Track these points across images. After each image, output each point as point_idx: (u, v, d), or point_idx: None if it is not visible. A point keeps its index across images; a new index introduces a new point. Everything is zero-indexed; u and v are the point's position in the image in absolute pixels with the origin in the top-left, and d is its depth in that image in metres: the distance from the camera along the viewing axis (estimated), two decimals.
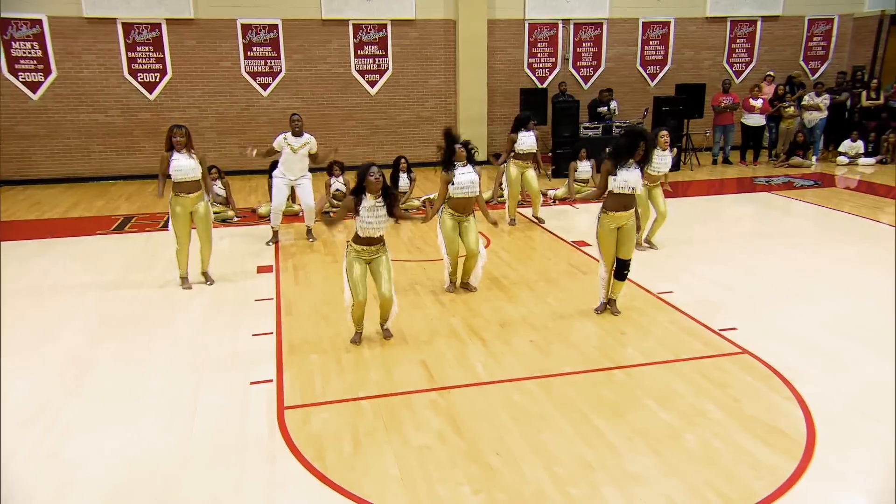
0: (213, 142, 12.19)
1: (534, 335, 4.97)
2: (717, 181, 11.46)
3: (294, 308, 5.64)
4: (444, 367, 4.48)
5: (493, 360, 4.59)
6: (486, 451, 3.49)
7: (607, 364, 4.46)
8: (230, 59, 11.94)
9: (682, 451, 3.45)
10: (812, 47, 14.54)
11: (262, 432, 3.72)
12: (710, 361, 4.46)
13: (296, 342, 4.94)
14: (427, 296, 5.90)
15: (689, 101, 11.98)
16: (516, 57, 13.20)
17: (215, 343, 4.94)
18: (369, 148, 12.92)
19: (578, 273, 6.45)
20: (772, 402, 3.91)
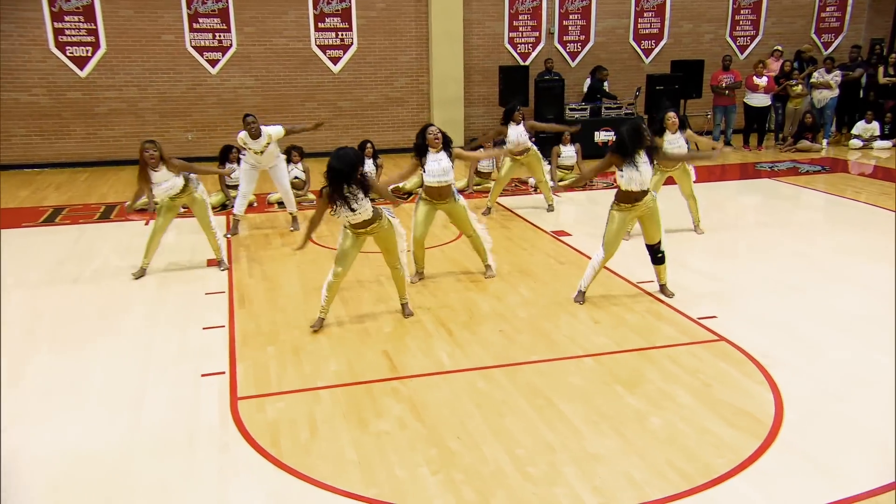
0: (156, 125, 12.55)
1: (503, 325, 5.44)
2: (717, 168, 12.03)
3: (248, 301, 6.06)
4: (407, 357, 4.93)
5: (458, 349, 5.04)
6: (446, 435, 3.94)
7: (578, 352, 4.94)
8: (173, 31, 12.31)
9: (645, 433, 3.92)
10: (825, 18, 15.23)
11: (214, 422, 4.13)
12: (684, 348, 4.95)
13: (250, 334, 5.35)
14: (392, 287, 6.33)
15: (686, 79, 12.57)
16: (496, 31, 13.72)
17: (162, 336, 5.34)
18: (332, 132, 13.33)
19: (555, 264, 6.93)
20: (742, 387, 4.41)
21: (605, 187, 10.29)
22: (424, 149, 6.21)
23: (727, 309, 5.63)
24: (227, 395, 4.45)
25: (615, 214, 5.69)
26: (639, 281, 6.27)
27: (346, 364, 4.85)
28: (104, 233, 8.40)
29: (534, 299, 5.98)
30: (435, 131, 6.21)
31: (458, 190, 6.48)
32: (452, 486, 3.50)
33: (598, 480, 3.52)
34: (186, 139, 12.77)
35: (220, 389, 4.51)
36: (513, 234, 8.09)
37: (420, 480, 3.56)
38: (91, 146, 12.43)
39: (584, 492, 3.43)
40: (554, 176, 10.26)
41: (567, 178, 10.39)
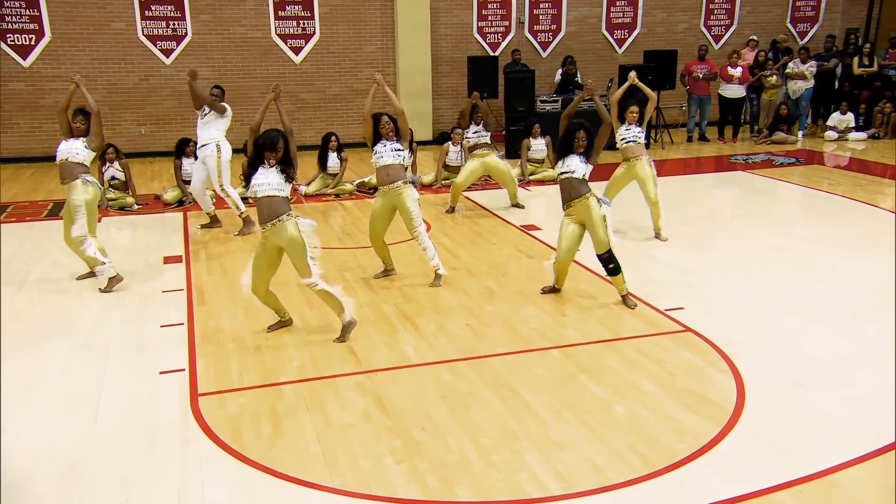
0: (106, 118, 12.31)
1: (471, 319, 5.66)
2: (692, 160, 12.43)
3: (208, 298, 6.20)
4: (372, 352, 5.12)
5: (424, 343, 5.25)
6: (411, 426, 4.14)
7: (544, 344, 5.18)
8: (123, 19, 12.35)
9: (609, 421, 4.17)
10: (800, 7, 15.74)
11: (174, 418, 4.29)
12: (650, 340, 5.22)
13: (210, 332, 5.51)
14: (357, 283, 6.54)
15: (659, 69, 12.90)
16: (464, 20, 13.97)
17: (118, 334, 5.47)
18: (295, 125, 13.18)
19: (523, 258, 7.18)
20: (706, 375, 4.68)
21: None
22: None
23: (695, 300, 5.91)
24: (187, 391, 4.60)
25: (562, 220, 5.95)
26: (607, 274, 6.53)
27: (309, 359, 5.03)
28: (53, 231, 8.42)
29: (501, 293, 6.21)
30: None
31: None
32: (417, 475, 3.70)
33: (561, 466, 3.75)
34: (140, 133, 12.82)
35: (179, 386, 4.67)
36: (481, 228, 8.32)
37: (384, 470, 3.76)
38: (36, 140, 12.41)
39: (547, 477, 3.65)
40: (524, 169, 10.53)
41: (538, 172, 10.66)
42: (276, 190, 5.07)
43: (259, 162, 5.13)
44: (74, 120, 6.45)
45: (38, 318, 5.89)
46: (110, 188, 9.43)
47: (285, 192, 5.12)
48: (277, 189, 5.07)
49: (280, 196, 5.09)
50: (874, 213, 8.64)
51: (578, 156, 5.77)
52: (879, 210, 8.74)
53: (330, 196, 9.93)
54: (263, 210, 5.13)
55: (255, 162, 5.16)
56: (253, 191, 5.12)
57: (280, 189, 5.08)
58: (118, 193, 9.45)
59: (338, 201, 9.77)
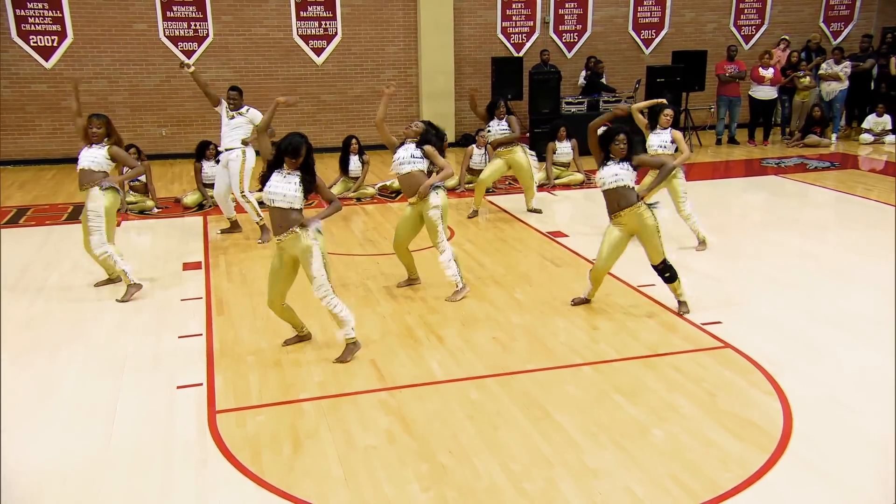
0: (127, 119, 12.49)
1: (497, 332, 5.44)
2: (721, 164, 12.13)
3: (227, 307, 6.04)
4: (395, 367, 4.92)
5: (450, 358, 5.04)
6: (437, 449, 3.94)
7: (576, 360, 4.95)
8: (146, 20, 12.27)
9: (647, 446, 3.93)
10: (834, 6, 15.34)
11: (191, 437, 4.11)
12: (687, 356, 4.97)
13: (228, 343, 5.33)
14: (380, 292, 6.35)
15: (688, 70, 12.62)
16: (488, 20, 13.74)
17: (135, 345, 5.31)
18: (316, 127, 13.33)
19: (551, 266, 6.95)
20: (749, 397, 4.43)
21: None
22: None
23: (732, 313, 5.66)
24: (205, 407, 4.43)
25: (608, 227, 5.69)
26: (639, 285, 6.29)
27: (331, 374, 4.84)
28: (73, 235, 8.32)
29: (529, 304, 5.99)
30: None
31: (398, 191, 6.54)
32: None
33: (599, 497, 3.52)
34: (160, 135, 12.74)
35: (196, 402, 4.49)
36: (506, 234, 8.10)
37: (410, 498, 3.56)
38: (57, 142, 12.35)
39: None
40: (550, 173, 10.29)
41: (563, 176, 10.41)
42: (290, 203, 4.83)
43: (278, 165, 4.91)
44: (91, 125, 6.28)
45: (55, 326, 5.75)
46: (130, 191, 9.32)
47: (299, 205, 4.87)
48: (291, 202, 4.83)
49: (293, 208, 4.87)
50: None
51: (621, 162, 5.50)
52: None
53: (351, 200, 9.75)
54: (276, 220, 4.92)
55: (274, 165, 4.93)
56: (268, 198, 4.89)
57: (293, 202, 4.83)
58: (138, 196, 9.33)
59: (359, 205, 9.59)
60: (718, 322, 5.49)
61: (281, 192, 4.83)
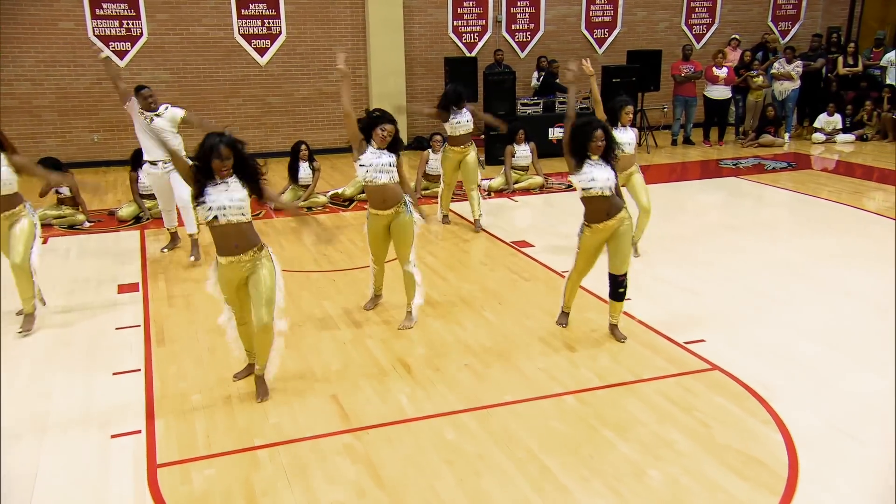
0: (54, 125, 11.72)
1: (469, 358, 5.01)
2: (678, 165, 11.95)
3: (168, 336, 5.47)
4: (360, 403, 4.45)
5: (420, 390, 4.60)
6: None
7: (556, 389, 4.56)
8: (72, 18, 11.48)
9: (645, 491, 3.56)
10: (781, 6, 15.37)
11: (127, 497, 3.59)
12: (674, 381, 4.63)
13: (170, 380, 4.79)
14: (338, 314, 5.86)
15: (643, 70, 12.41)
16: (439, 19, 13.32)
17: (62, 385, 4.72)
18: (261, 131, 12.73)
19: (520, 280, 6.56)
20: (747, 427, 4.09)
21: (564, 189, 10.01)
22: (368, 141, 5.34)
23: (715, 330, 5.34)
24: (144, 460, 3.89)
25: (581, 244, 5.18)
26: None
27: (287, 415, 4.35)
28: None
29: (501, 325, 5.58)
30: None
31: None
32: None
33: None
34: (92, 140, 11.96)
35: (134, 454, 3.95)
36: (469, 246, 7.69)
37: None
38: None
39: None
40: (509, 178, 9.93)
41: (522, 180, 10.06)
42: (241, 212, 4.19)
43: (208, 176, 4.16)
44: None
45: None
46: (59, 204, 8.62)
47: (248, 216, 4.27)
48: (241, 211, 4.19)
49: (246, 221, 4.28)
50: (880, 222, 8.17)
51: (601, 162, 4.90)
52: (884, 218, 8.27)
53: (302, 210, 9.20)
54: (230, 239, 4.29)
55: (204, 176, 4.16)
56: (215, 214, 4.16)
57: (244, 211, 4.22)
58: (67, 210, 8.63)
59: (310, 215, 9.03)
60: (702, 340, 5.17)
61: (226, 202, 4.14)
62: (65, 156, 11.17)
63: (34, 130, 11.57)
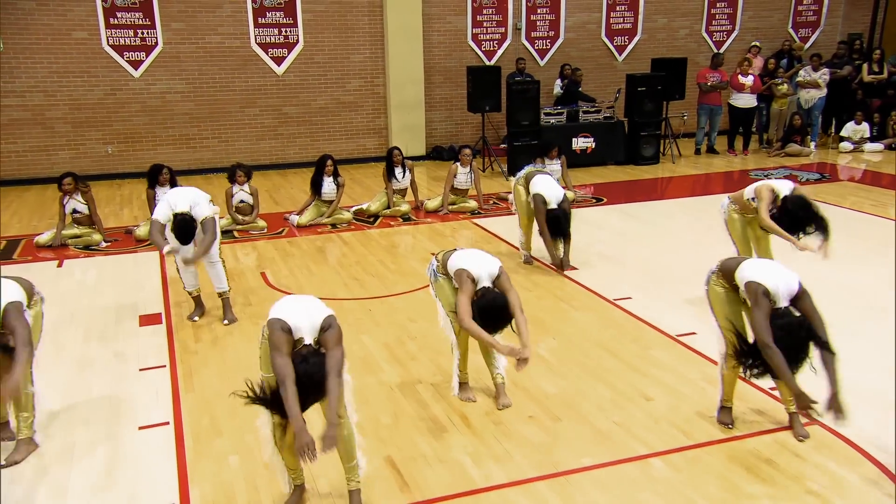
0: (67, 137, 11.08)
1: (532, 408, 4.38)
2: (710, 176, 11.32)
3: (196, 381, 4.84)
4: (420, 466, 3.82)
5: (484, 449, 3.97)
6: None
7: (639, 449, 3.93)
8: (86, 27, 10.83)
9: None
10: (801, 12, 14.75)
11: None
12: (770, 438, 4.00)
13: (203, 436, 4.16)
14: (379, 351, 5.22)
15: (668, 79, 11.77)
16: (458, 27, 12.68)
17: (83, 446, 4.09)
18: (278, 142, 12.09)
19: (569, 309, 5.93)
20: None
21: (594, 203, 9.39)
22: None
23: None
24: None
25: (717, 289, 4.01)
26: (679, 334, 5.31)
27: (339, 478, 3.71)
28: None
29: (559, 365, 4.95)
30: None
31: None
32: None
33: None
34: (106, 153, 11.31)
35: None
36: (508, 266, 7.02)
37: None
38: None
39: None
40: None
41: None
42: None
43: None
44: None
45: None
46: (73, 224, 7.98)
47: None
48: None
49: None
50: None
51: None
52: None
53: (326, 227, 8.58)
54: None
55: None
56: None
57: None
58: (83, 229, 7.99)
59: (335, 233, 8.42)
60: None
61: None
62: (78, 168, 10.56)
63: (47, 143, 10.93)
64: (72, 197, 7.84)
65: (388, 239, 8.18)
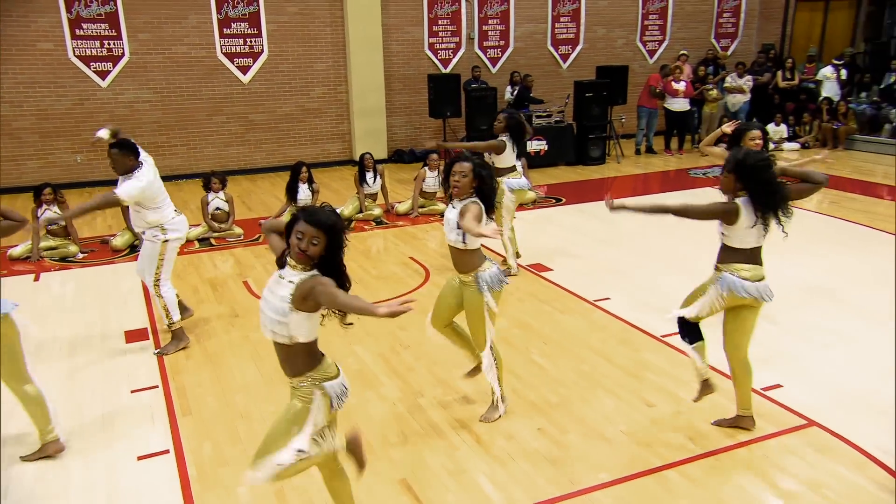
0: (36, 147, 10.13)
1: (540, 419, 3.99)
2: (650, 174, 11.13)
3: (193, 402, 4.28)
4: (437, 489, 3.39)
5: (499, 467, 3.55)
6: None
7: (652, 460, 3.57)
8: (51, 38, 9.88)
9: None
10: (722, 24, 14.70)
11: None
12: (776, 442, 3.71)
13: (206, 465, 3.62)
14: (376, 363, 4.75)
15: (612, 85, 11.52)
16: (415, 36, 12.12)
17: (80, 478, 3.50)
18: (245, 148, 11.36)
19: (555, 313, 5.55)
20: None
21: (554, 203, 9.06)
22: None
23: (786, 372, 4.43)
24: None
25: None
26: (663, 334, 4.99)
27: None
28: None
29: (555, 370, 4.57)
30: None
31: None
32: None
33: None
34: (75, 161, 10.40)
35: None
36: None
37: None
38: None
39: None
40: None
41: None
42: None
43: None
44: None
45: None
46: (48, 235, 7.21)
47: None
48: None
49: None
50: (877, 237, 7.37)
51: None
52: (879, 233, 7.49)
53: None
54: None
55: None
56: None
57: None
58: (59, 241, 7.22)
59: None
60: (779, 386, 4.26)
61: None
62: (48, 177, 9.65)
63: (15, 153, 9.97)
64: (49, 207, 7.07)
65: (363, 243, 7.66)
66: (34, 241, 7.05)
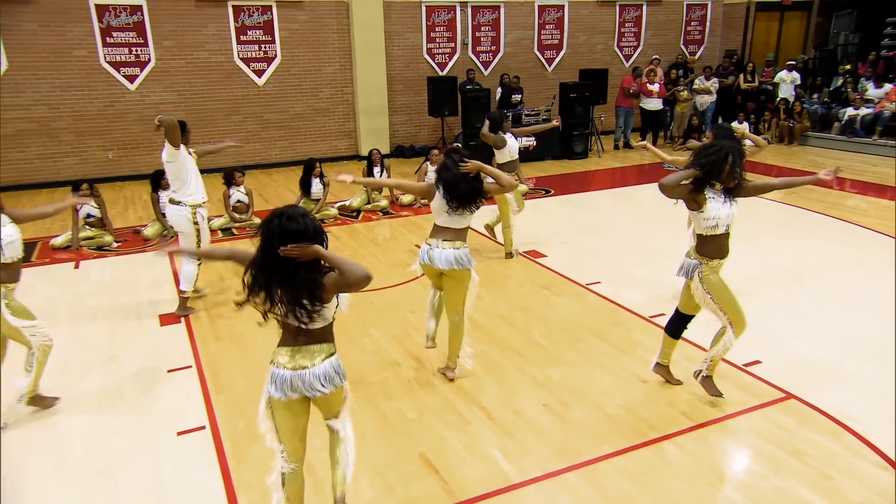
0: (72, 145, 9.87)
1: (544, 396, 3.91)
2: (631, 168, 11.01)
3: (226, 381, 4.16)
4: (455, 462, 3.30)
5: (509, 440, 3.47)
6: None
7: (649, 433, 3.50)
8: (85, 46, 9.60)
9: None
10: (690, 31, 14.54)
11: None
12: (759, 415, 3.64)
13: (240, 440, 3.52)
14: (391, 345, 4.64)
15: (594, 86, 11.37)
16: (415, 42, 11.89)
17: (126, 451, 3.39)
18: (260, 145, 11.13)
19: (552, 296, 5.45)
20: (873, 478, 3.11)
21: (543, 194, 8.94)
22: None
23: (764, 349, 4.36)
24: None
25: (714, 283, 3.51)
26: (650, 315, 4.91)
27: (379, 479, 3.17)
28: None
29: (555, 350, 4.48)
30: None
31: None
32: None
33: None
34: (107, 158, 10.16)
35: None
36: (488, 258, 6.51)
37: None
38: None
39: None
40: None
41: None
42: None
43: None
44: None
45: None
46: (86, 226, 7.03)
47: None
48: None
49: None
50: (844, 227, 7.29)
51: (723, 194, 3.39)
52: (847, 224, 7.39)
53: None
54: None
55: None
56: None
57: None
58: (95, 231, 7.04)
59: (324, 227, 7.68)
60: (758, 362, 4.20)
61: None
62: (82, 173, 9.53)
63: (53, 151, 9.73)
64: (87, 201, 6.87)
65: (372, 232, 7.53)
66: (74, 231, 6.87)
